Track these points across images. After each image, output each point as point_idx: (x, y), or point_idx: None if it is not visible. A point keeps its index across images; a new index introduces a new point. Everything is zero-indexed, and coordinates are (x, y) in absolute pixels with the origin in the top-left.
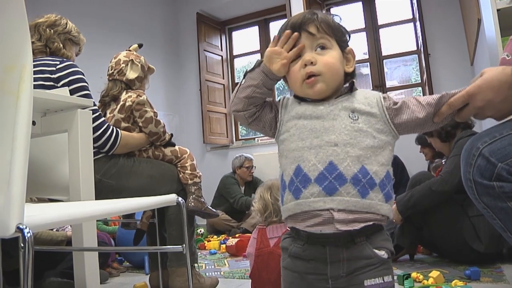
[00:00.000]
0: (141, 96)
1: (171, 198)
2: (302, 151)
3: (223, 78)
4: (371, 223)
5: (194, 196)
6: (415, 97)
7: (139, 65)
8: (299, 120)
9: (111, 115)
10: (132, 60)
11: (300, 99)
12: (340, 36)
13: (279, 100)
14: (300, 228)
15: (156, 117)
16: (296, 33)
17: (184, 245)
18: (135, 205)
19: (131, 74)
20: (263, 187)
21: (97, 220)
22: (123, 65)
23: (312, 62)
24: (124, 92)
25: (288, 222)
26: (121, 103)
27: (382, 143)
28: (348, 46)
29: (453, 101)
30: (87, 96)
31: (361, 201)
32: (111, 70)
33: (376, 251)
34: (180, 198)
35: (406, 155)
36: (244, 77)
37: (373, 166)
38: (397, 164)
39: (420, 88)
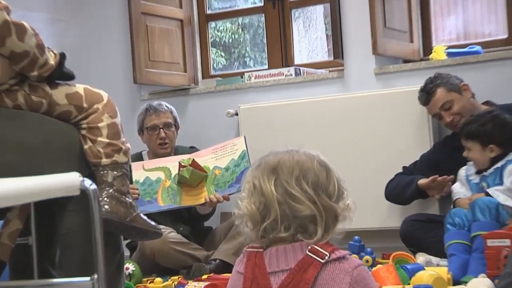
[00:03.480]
0: None
1: (69, 180)
2: None
3: None
4: None
5: (112, 190)
6: None
7: None
8: None
9: None
10: None
11: None
12: None
13: None
14: None
15: (9, 13)
16: None
17: (95, 276)
18: None
19: None
20: (259, 168)
21: None
22: None
23: None
24: None
25: None
26: None
27: None
28: None
29: None
30: None
31: None
32: None
33: None
34: (89, 182)
35: None
36: None
37: None
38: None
39: None
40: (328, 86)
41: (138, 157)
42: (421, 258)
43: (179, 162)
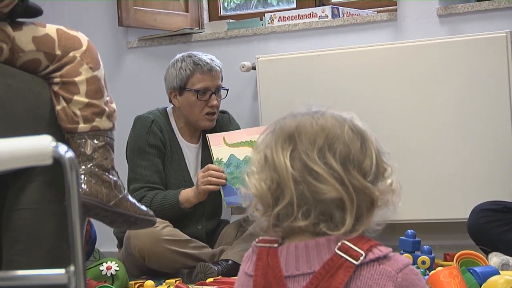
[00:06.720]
0: None
1: (38, 145)
2: None
3: None
4: None
5: (92, 165)
6: None
7: None
8: None
9: None
10: None
11: None
12: None
13: None
14: None
15: None
16: None
17: (72, 268)
18: None
19: None
20: (274, 133)
21: None
22: None
23: None
24: None
25: None
26: None
27: None
28: None
29: None
30: None
31: None
32: None
33: None
34: (64, 149)
35: None
36: None
37: None
38: None
39: None
40: (376, 31)
41: (165, 116)
42: (494, 259)
43: None
